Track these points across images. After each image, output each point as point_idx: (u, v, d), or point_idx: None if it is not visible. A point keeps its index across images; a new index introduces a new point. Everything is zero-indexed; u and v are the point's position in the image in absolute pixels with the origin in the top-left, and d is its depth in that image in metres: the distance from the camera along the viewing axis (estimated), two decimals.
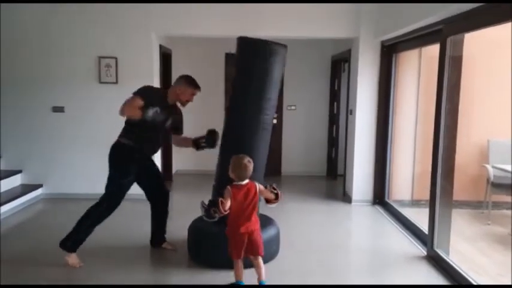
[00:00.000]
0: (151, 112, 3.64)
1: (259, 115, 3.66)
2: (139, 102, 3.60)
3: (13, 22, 5.52)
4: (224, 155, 3.73)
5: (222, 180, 3.71)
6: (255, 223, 3.22)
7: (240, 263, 3.27)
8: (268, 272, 3.59)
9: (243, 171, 3.17)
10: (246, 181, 3.21)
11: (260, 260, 3.27)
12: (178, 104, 3.92)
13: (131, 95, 3.65)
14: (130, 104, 3.58)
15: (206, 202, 3.23)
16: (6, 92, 5.63)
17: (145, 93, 3.69)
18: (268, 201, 3.31)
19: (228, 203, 3.11)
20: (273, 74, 3.63)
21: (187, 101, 3.87)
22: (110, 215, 3.72)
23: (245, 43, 3.69)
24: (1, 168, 5.68)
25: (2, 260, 3.76)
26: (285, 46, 3.70)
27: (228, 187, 3.18)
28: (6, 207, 5.02)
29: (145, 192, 4.01)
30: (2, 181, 5.34)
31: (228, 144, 3.74)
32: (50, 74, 5.64)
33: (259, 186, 3.23)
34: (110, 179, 3.72)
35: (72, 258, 3.70)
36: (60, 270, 3.66)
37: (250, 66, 3.65)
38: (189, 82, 3.81)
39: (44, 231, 4.53)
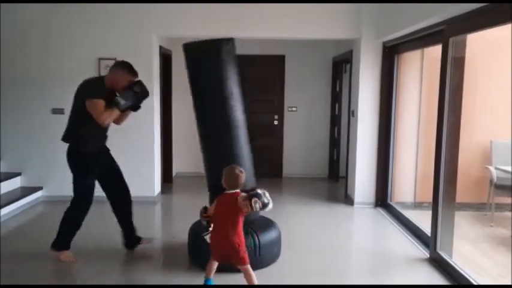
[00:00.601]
0: (117, 98, 3.57)
1: (226, 113, 3.64)
2: (102, 103, 3.54)
3: (13, 23, 5.51)
4: (206, 159, 3.81)
5: (211, 183, 3.79)
6: (234, 234, 3.12)
7: (212, 262, 3.28)
8: (269, 274, 3.59)
9: (234, 180, 3.16)
10: (235, 191, 3.17)
11: (245, 269, 3.20)
12: None
13: (91, 101, 3.52)
14: (101, 111, 3.51)
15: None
16: (6, 94, 5.61)
17: (96, 91, 3.59)
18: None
19: (211, 210, 3.19)
20: (227, 70, 3.63)
21: (123, 87, 3.67)
22: (87, 215, 3.79)
23: (190, 48, 3.73)
24: (1, 171, 5.65)
25: (2, 262, 3.73)
26: (230, 39, 3.72)
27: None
28: (6, 210, 5.00)
29: (105, 192, 3.97)
30: (2, 183, 5.32)
31: (206, 147, 3.78)
32: (50, 75, 5.62)
33: (242, 195, 3.12)
34: (74, 182, 3.76)
35: (65, 254, 3.76)
36: (60, 272, 3.63)
37: (202, 68, 3.67)
38: (126, 69, 3.71)
39: (43, 234, 4.48)
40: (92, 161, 3.75)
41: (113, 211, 4.02)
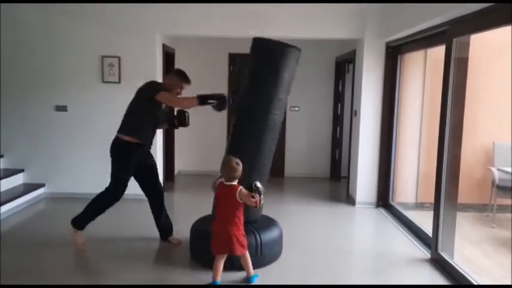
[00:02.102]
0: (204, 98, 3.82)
1: (268, 115, 3.66)
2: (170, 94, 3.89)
3: (16, 21, 5.52)
4: (230, 153, 3.74)
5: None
6: (233, 225, 3.27)
7: (218, 262, 3.32)
8: (270, 273, 3.59)
9: (231, 172, 3.26)
10: (233, 183, 3.29)
11: (246, 255, 3.38)
12: None
13: (163, 94, 3.80)
14: (177, 98, 3.92)
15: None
16: (10, 91, 5.63)
17: (162, 87, 3.92)
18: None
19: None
20: (284, 75, 3.65)
21: (177, 95, 4.01)
22: (114, 204, 3.96)
23: (259, 43, 3.72)
24: (3, 167, 5.67)
25: (3, 260, 3.74)
26: (298, 49, 3.74)
27: (216, 181, 3.37)
28: (8, 207, 5.01)
29: (142, 188, 4.17)
30: (4, 180, 5.34)
31: (235, 143, 3.75)
32: (53, 73, 5.63)
33: (241, 191, 3.27)
34: (112, 173, 3.92)
35: (78, 237, 3.98)
36: (61, 269, 3.64)
37: (264, 66, 3.67)
38: (182, 76, 4.02)
39: (45, 231, 4.51)
40: (135, 154, 3.90)
41: (150, 205, 4.21)
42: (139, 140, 3.88)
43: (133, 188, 4.07)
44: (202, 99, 3.76)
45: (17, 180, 5.65)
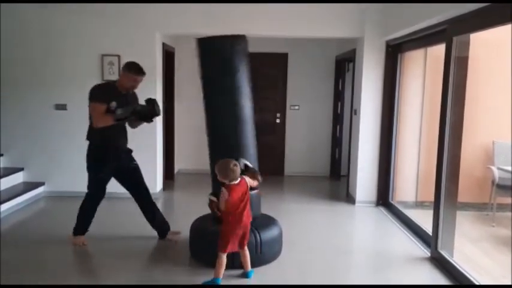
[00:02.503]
0: (117, 110, 3.74)
1: (235, 109, 3.70)
2: (102, 107, 3.76)
3: (16, 19, 5.51)
4: (212, 153, 3.86)
5: (217, 179, 3.76)
6: (248, 217, 3.40)
7: (223, 259, 3.33)
8: (270, 271, 3.60)
9: (232, 173, 3.28)
10: (239, 179, 3.32)
11: (246, 250, 3.46)
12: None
13: (91, 104, 3.80)
14: (98, 115, 3.76)
15: (211, 197, 3.42)
16: (9, 90, 5.62)
17: (99, 95, 3.82)
18: (252, 188, 3.48)
19: (223, 205, 3.26)
20: (239, 66, 3.68)
21: (131, 88, 3.94)
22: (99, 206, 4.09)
23: (204, 43, 3.80)
24: (3, 166, 5.67)
25: (3, 259, 3.74)
26: (243, 37, 3.78)
27: (223, 189, 3.28)
28: (7, 205, 5.01)
29: (129, 191, 4.21)
30: (4, 179, 5.34)
31: (213, 141, 3.85)
32: (53, 71, 5.63)
33: (248, 181, 3.39)
34: (89, 177, 4.03)
35: (77, 239, 4.04)
36: (61, 267, 3.64)
37: (214, 63, 3.73)
38: (129, 69, 3.90)
39: (45, 229, 4.52)
40: (104, 156, 3.93)
41: (139, 206, 4.24)
42: (105, 143, 3.91)
43: (122, 187, 4.09)
44: (119, 118, 3.75)
45: (17, 178, 5.65)
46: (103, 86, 4.14)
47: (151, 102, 3.84)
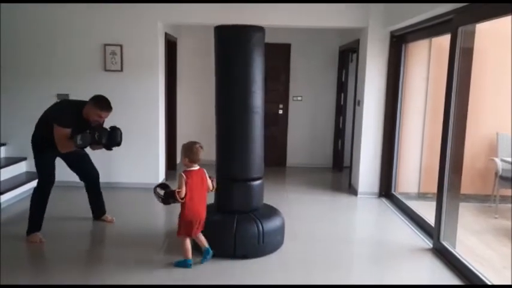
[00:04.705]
0: (77, 138, 3.71)
1: (247, 99, 3.69)
2: (66, 132, 3.74)
3: (18, 10, 5.48)
4: (220, 143, 3.85)
5: (223, 168, 3.86)
6: (204, 209, 3.51)
7: (188, 243, 3.48)
8: (272, 261, 3.61)
9: (195, 154, 3.42)
10: (197, 167, 3.47)
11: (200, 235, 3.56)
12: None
13: (58, 128, 3.73)
14: (61, 139, 3.73)
15: (159, 189, 3.48)
16: (12, 80, 5.61)
17: (66, 120, 3.77)
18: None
19: (183, 191, 3.35)
20: (255, 57, 3.67)
21: (95, 121, 3.86)
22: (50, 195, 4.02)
23: (223, 31, 3.75)
24: (6, 156, 5.68)
25: (3, 245, 3.76)
26: (261, 28, 3.75)
27: (182, 174, 3.40)
28: (10, 195, 5.02)
29: (79, 176, 4.34)
30: (7, 168, 5.35)
31: (222, 131, 3.82)
32: (55, 61, 5.62)
33: (207, 177, 3.54)
34: (35, 164, 3.96)
35: (33, 237, 3.91)
36: (62, 261, 3.65)
37: (231, 52, 3.70)
38: (96, 103, 3.81)
39: (47, 218, 4.51)
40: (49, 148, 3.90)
41: (86, 190, 4.40)
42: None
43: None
44: (80, 146, 3.77)
45: (20, 168, 5.66)
46: (71, 106, 3.98)
47: (115, 131, 3.86)
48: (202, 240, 3.55)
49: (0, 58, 5.54)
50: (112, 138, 3.85)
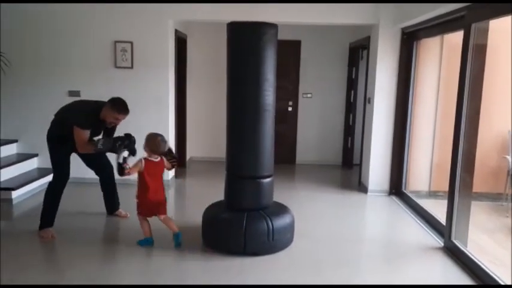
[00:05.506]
0: (98, 143, 3.83)
1: (259, 97, 3.67)
2: (87, 134, 3.83)
3: (30, 6, 5.51)
4: (231, 141, 3.83)
5: (233, 166, 3.84)
6: (161, 193, 3.77)
7: (147, 222, 3.80)
8: (282, 259, 3.60)
9: (155, 147, 3.67)
10: (158, 158, 3.72)
11: (164, 216, 3.79)
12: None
13: (78, 130, 3.79)
14: (82, 141, 3.81)
15: (121, 159, 3.69)
16: (24, 77, 5.66)
17: (86, 120, 3.83)
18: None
19: (135, 171, 3.65)
20: (267, 54, 3.65)
21: (112, 123, 3.98)
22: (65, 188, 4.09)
23: (236, 27, 3.71)
24: (18, 152, 5.74)
25: (15, 241, 3.79)
26: (275, 25, 3.71)
27: (142, 160, 3.67)
28: (22, 190, 5.08)
29: (95, 172, 4.45)
30: (19, 164, 5.41)
31: (232, 129, 3.81)
32: (66, 58, 5.65)
33: (165, 164, 3.81)
34: (51, 160, 4.05)
35: (45, 232, 3.94)
36: (73, 253, 3.68)
37: (244, 48, 3.67)
38: (113, 106, 3.87)
39: (58, 214, 4.55)
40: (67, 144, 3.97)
41: (100, 184, 4.48)
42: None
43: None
44: (99, 151, 3.85)
45: (32, 164, 5.71)
46: (89, 111, 3.96)
47: (131, 141, 3.90)
48: (171, 224, 3.79)
49: (14, 56, 5.59)
50: (131, 149, 3.91)
